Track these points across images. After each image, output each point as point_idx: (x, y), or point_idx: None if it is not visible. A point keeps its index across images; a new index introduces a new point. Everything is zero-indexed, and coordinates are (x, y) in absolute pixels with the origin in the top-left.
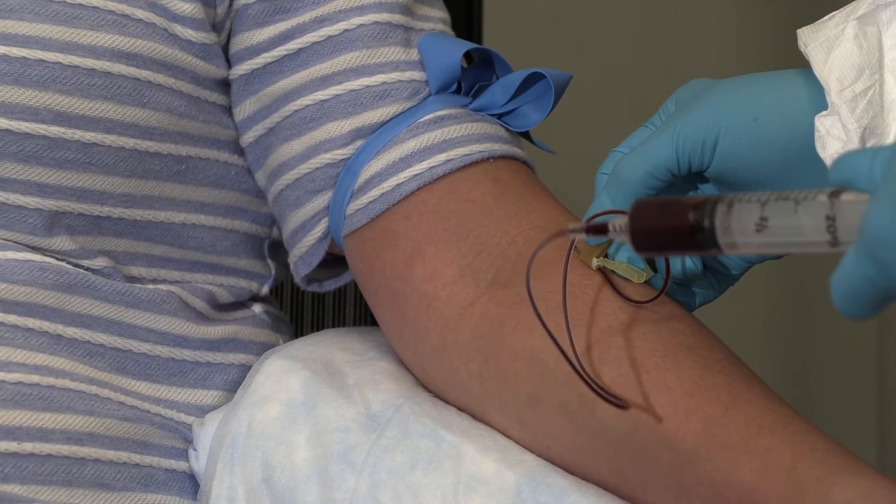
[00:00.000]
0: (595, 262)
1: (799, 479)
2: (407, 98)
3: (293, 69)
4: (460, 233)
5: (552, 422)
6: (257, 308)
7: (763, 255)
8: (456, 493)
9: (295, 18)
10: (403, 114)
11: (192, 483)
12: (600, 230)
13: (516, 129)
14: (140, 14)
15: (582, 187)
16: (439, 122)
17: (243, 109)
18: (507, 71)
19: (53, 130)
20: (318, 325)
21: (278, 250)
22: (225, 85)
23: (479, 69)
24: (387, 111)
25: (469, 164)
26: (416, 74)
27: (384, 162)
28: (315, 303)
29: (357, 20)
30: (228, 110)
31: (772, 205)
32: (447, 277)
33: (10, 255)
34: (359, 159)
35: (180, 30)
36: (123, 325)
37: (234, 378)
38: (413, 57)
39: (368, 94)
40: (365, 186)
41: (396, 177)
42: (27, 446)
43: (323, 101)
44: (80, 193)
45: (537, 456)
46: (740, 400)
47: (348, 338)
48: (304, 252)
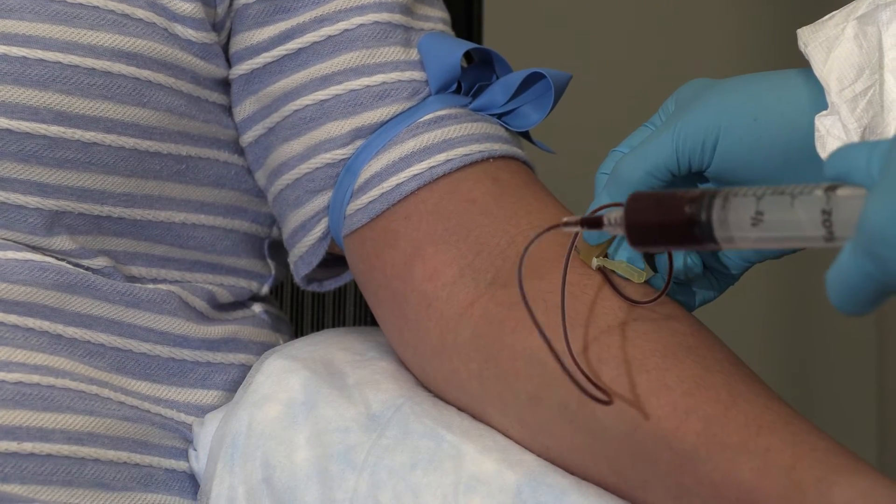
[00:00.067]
0: (595, 262)
1: (799, 478)
2: (407, 98)
3: (293, 69)
4: (460, 233)
5: (552, 422)
6: (257, 308)
7: (761, 253)
8: (456, 493)
9: (295, 18)
10: (403, 114)
11: (192, 483)
12: (595, 223)
13: (516, 129)
14: (140, 14)
15: (582, 187)
16: (439, 122)
17: (243, 109)
18: (507, 71)
19: (53, 130)
20: (318, 325)
21: (278, 250)
22: (225, 85)
23: (479, 69)
24: (387, 111)
25: (469, 164)
26: (416, 74)
27: (384, 162)
28: (315, 303)
29: (357, 20)
30: (228, 110)
31: (768, 199)
32: (447, 277)
33: (10, 254)
34: (359, 159)
35: (180, 29)
36: (123, 324)
37: (234, 378)
38: (413, 57)
39: (368, 93)
40: (365, 186)
41: (396, 177)
42: (27, 446)
43: (323, 100)
44: (81, 193)
45: (537, 456)
46: (740, 399)
47: (348, 338)
48: (303, 252)
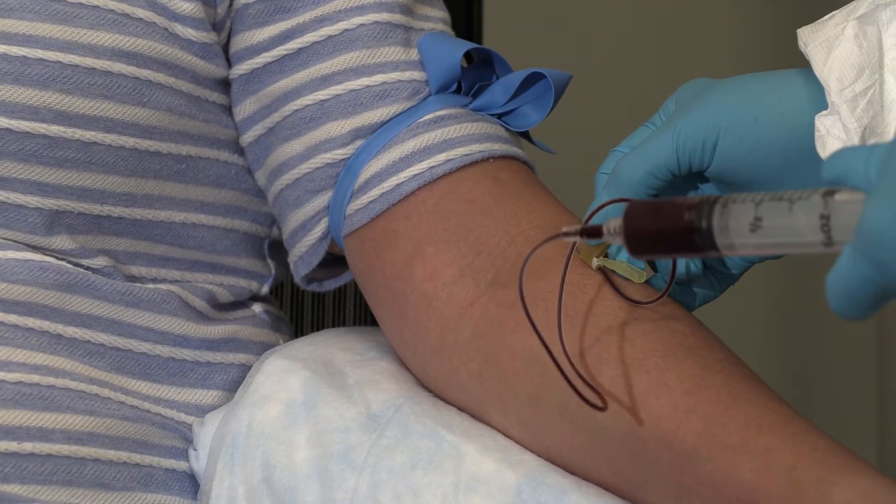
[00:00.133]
0: (595, 262)
1: (799, 478)
2: (407, 98)
3: (293, 69)
4: (460, 233)
5: (552, 422)
6: (257, 308)
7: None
8: (456, 493)
9: (295, 18)
10: (403, 114)
11: (192, 483)
12: (595, 233)
13: (516, 129)
14: (140, 13)
15: (582, 187)
16: (439, 122)
17: (243, 109)
18: (507, 71)
19: (53, 129)
20: (318, 325)
21: (278, 250)
22: (225, 84)
23: (479, 69)
24: (387, 111)
25: (469, 164)
26: (416, 74)
27: (384, 162)
28: (315, 303)
29: (357, 20)
30: (228, 110)
31: (766, 204)
32: (447, 277)
33: (10, 254)
34: (359, 159)
35: (180, 29)
36: (123, 324)
37: (234, 378)
38: (413, 57)
39: (368, 93)
40: (365, 186)
41: (396, 176)
42: (27, 446)
43: (323, 100)
44: (81, 193)
45: (537, 456)
46: (740, 399)
47: (348, 338)
48: (304, 252)
